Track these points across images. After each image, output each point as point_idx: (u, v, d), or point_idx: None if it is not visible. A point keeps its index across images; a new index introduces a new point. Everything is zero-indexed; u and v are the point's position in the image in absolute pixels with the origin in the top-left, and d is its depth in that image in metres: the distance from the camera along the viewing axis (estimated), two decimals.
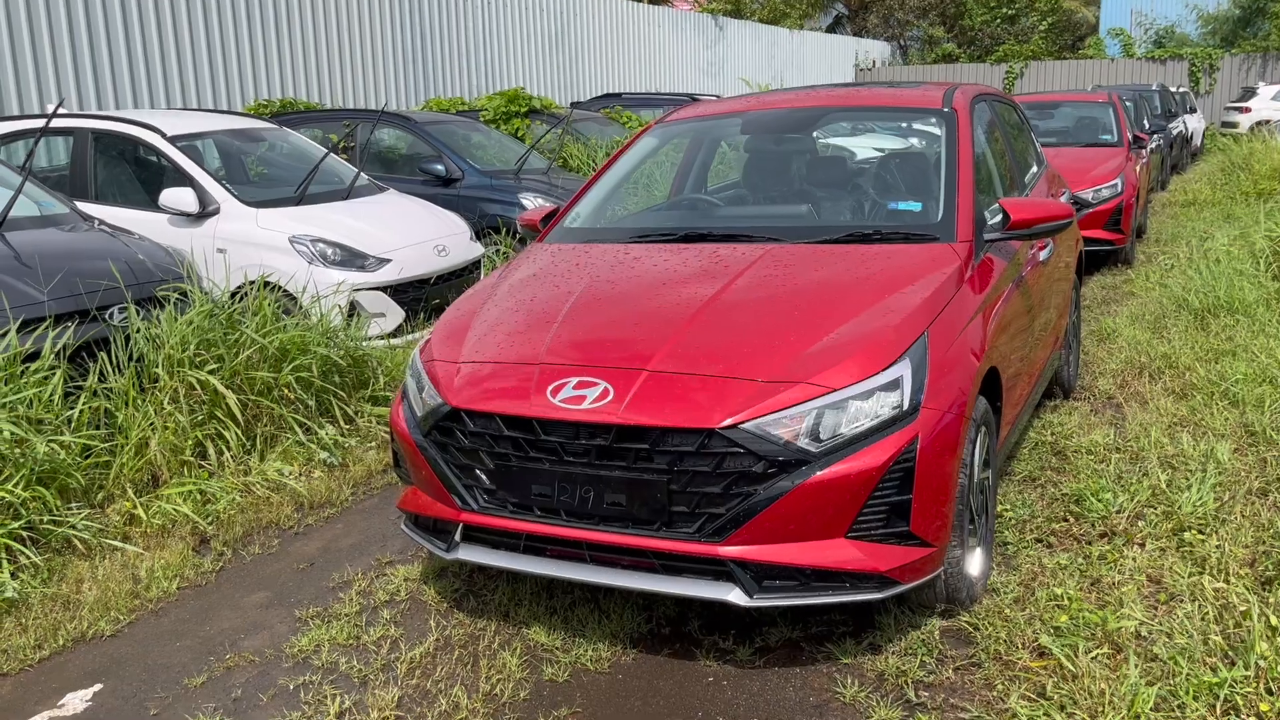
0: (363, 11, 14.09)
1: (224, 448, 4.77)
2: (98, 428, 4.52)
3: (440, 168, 9.28)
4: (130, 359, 4.78)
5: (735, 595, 2.95)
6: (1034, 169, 5.34)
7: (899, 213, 4.10)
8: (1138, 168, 10.58)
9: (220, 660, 3.35)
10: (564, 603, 3.58)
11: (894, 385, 2.98)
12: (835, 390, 2.93)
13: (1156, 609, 3.26)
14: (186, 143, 7.29)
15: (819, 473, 2.87)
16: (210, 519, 4.36)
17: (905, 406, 2.97)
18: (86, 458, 4.38)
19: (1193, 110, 22.96)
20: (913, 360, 3.04)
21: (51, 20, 10.47)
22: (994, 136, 4.75)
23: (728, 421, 2.89)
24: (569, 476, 3.06)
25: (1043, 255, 4.51)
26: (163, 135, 7.18)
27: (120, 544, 4.08)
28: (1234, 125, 24.57)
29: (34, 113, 9.77)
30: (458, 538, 3.32)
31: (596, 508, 3.04)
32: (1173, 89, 22.14)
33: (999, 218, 3.83)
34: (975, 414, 3.24)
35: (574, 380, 3.10)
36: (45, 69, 10.45)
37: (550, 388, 3.11)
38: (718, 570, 2.97)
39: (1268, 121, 21.70)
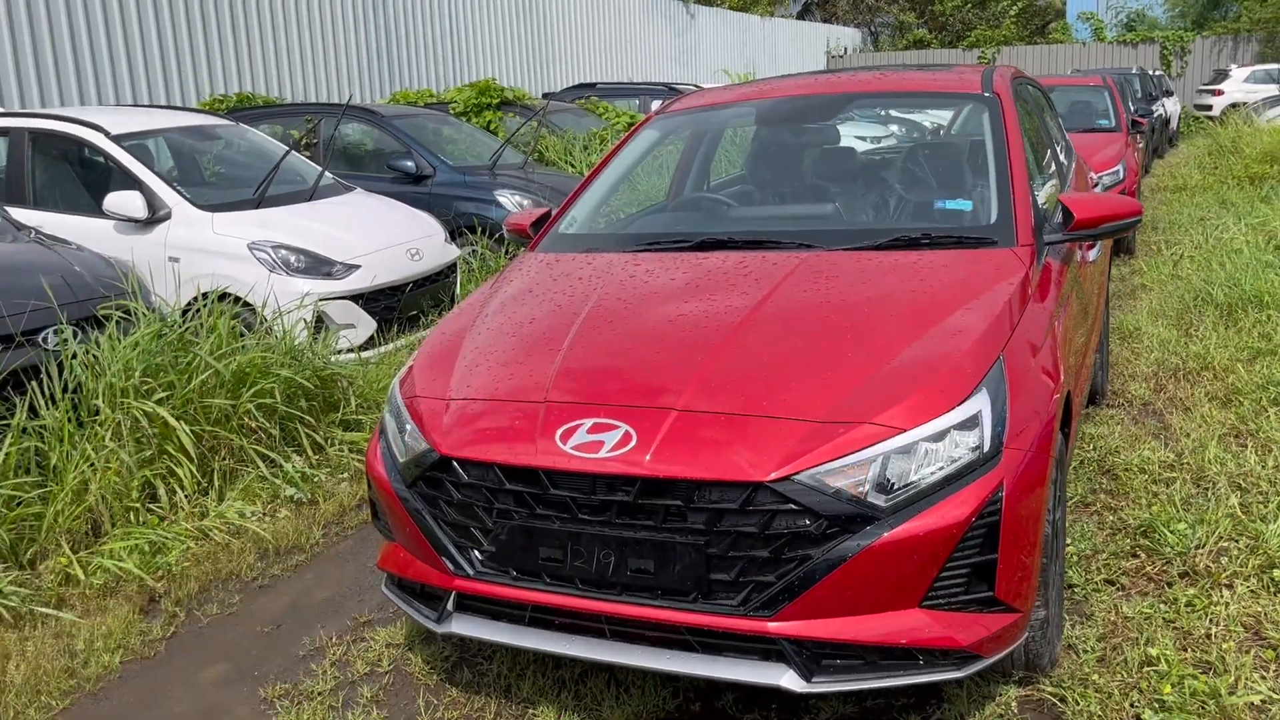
0: (324, 1, 13.43)
1: (176, 488, 4.22)
2: (27, 472, 3.95)
3: (410, 164, 8.69)
4: (65, 389, 4.21)
5: (789, 679, 2.45)
6: (1065, 156, 4.88)
7: (948, 213, 3.61)
8: (1135, 153, 10.22)
9: None
10: (573, 674, 3.07)
11: (972, 423, 2.49)
12: (904, 431, 2.45)
13: (1267, 669, 2.80)
14: (133, 142, 6.69)
15: (888, 532, 2.38)
16: (160, 573, 3.81)
17: (986, 448, 2.48)
18: (14, 508, 3.81)
19: (1169, 94, 22.75)
20: (991, 391, 2.56)
21: None
22: (1030, 123, 4.29)
23: (776, 473, 2.39)
24: (585, 538, 2.55)
25: (1092, 255, 4.05)
26: (106, 134, 6.58)
27: (52, 611, 3.52)
28: (1207, 108, 24.45)
29: None
30: (450, 607, 2.80)
31: (619, 575, 2.54)
32: (1149, 72, 21.92)
33: (1058, 217, 3.36)
34: (1056, 451, 2.77)
35: (589, 422, 2.59)
36: None
37: (560, 432, 2.60)
38: (767, 649, 2.48)
39: (1242, 104, 21.53)
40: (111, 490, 4.00)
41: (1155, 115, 18.24)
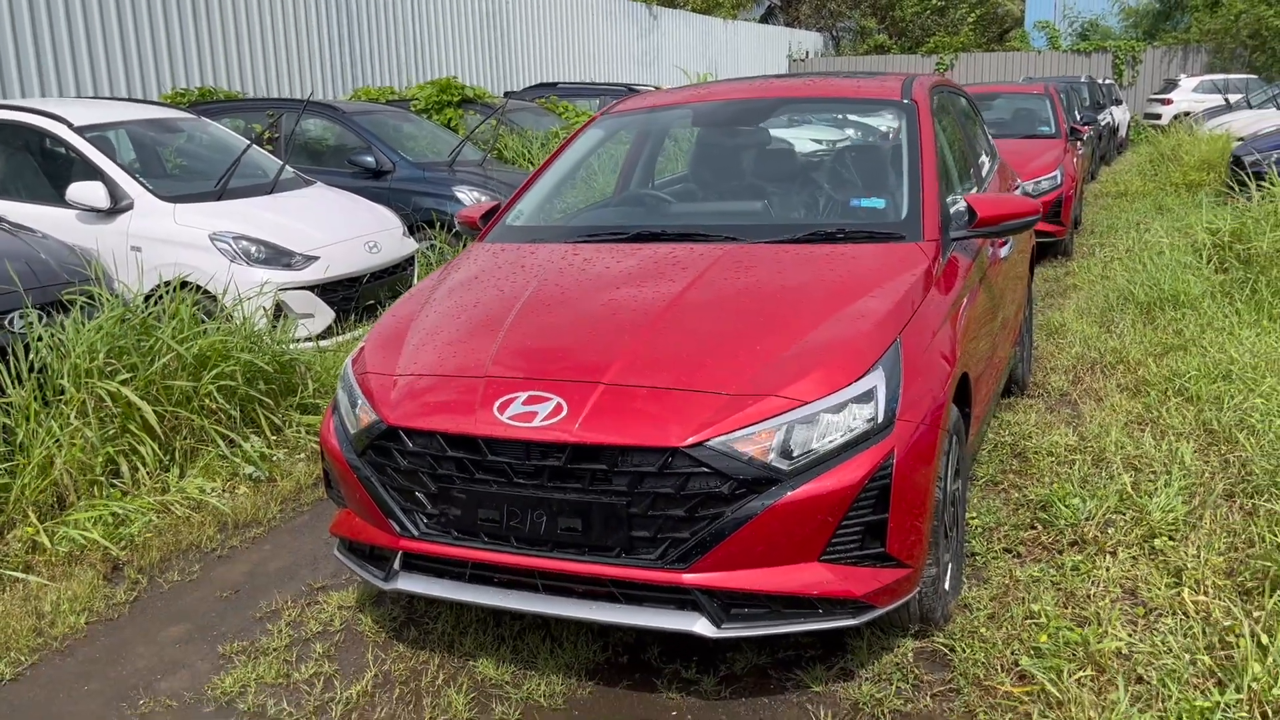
0: None
1: (139, 464, 4.41)
2: None
3: (370, 159, 8.89)
4: (31, 370, 4.39)
5: (701, 626, 2.73)
6: (988, 162, 5.20)
7: (861, 210, 3.91)
8: (1075, 159, 10.62)
9: (134, 708, 3.03)
10: (513, 631, 3.33)
11: (868, 396, 2.78)
12: (806, 403, 2.73)
13: (1136, 625, 3.12)
14: (96, 133, 6.84)
15: (790, 492, 2.66)
16: (123, 544, 4.02)
17: (880, 419, 2.77)
18: None
19: (1118, 102, 23.35)
20: (886, 369, 2.85)
21: None
22: (951, 129, 4.60)
23: (692, 439, 2.66)
24: (519, 500, 2.81)
25: (1003, 252, 4.37)
26: (69, 125, 6.72)
27: (21, 575, 3.71)
28: (1157, 117, 25.07)
29: None
30: (397, 566, 3.05)
31: (550, 533, 2.80)
32: (1098, 81, 22.50)
33: (964, 215, 3.66)
34: (950, 424, 3.07)
35: (524, 394, 2.85)
36: None
37: (497, 403, 2.85)
38: (682, 599, 2.75)
39: (1189, 113, 22.15)
40: (76, 465, 4.19)
41: (1103, 123, 18.79)
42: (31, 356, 4.44)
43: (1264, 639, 2.76)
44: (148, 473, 4.40)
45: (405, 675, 3.13)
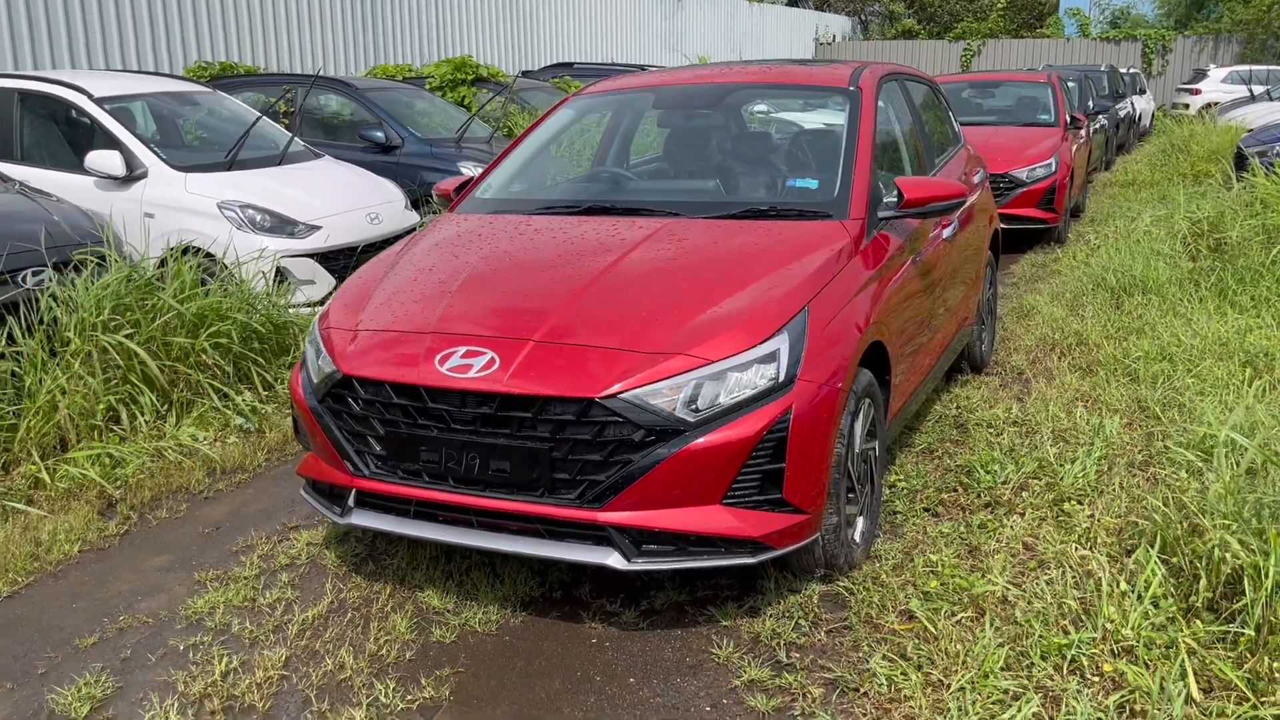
0: None
1: (137, 413, 4.78)
2: (3, 391, 4.51)
3: (380, 135, 9.23)
4: (40, 322, 4.76)
5: (614, 560, 3.03)
6: (948, 149, 5.44)
7: (796, 190, 4.18)
8: (1074, 148, 10.76)
9: (114, 622, 3.39)
10: (460, 568, 3.65)
11: (771, 358, 3.07)
12: (713, 362, 3.02)
13: (1024, 575, 3.39)
14: (115, 105, 7.21)
15: (695, 441, 2.96)
16: (118, 483, 4.38)
17: (781, 378, 3.06)
18: None
19: (1142, 91, 23.27)
20: (791, 334, 3.13)
21: None
22: (903, 116, 4.84)
23: (607, 391, 2.96)
24: (456, 444, 3.12)
25: (946, 233, 4.61)
26: (89, 96, 7.09)
27: (23, 506, 4.09)
28: (1185, 107, 24.94)
29: None
30: (351, 503, 3.38)
31: (482, 474, 3.11)
32: (1124, 70, 22.42)
33: (895, 196, 3.92)
34: (857, 386, 3.34)
35: (462, 349, 3.16)
36: None
37: (439, 356, 3.16)
38: (598, 535, 3.06)
39: (1217, 104, 22.04)
40: (78, 410, 4.56)
41: (1122, 113, 18.79)
42: (41, 311, 4.81)
43: (1124, 585, 3.03)
44: (145, 421, 4.77)
45: (358, 602, 3.47)
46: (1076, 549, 3.44)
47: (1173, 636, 2.84)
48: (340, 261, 6.99)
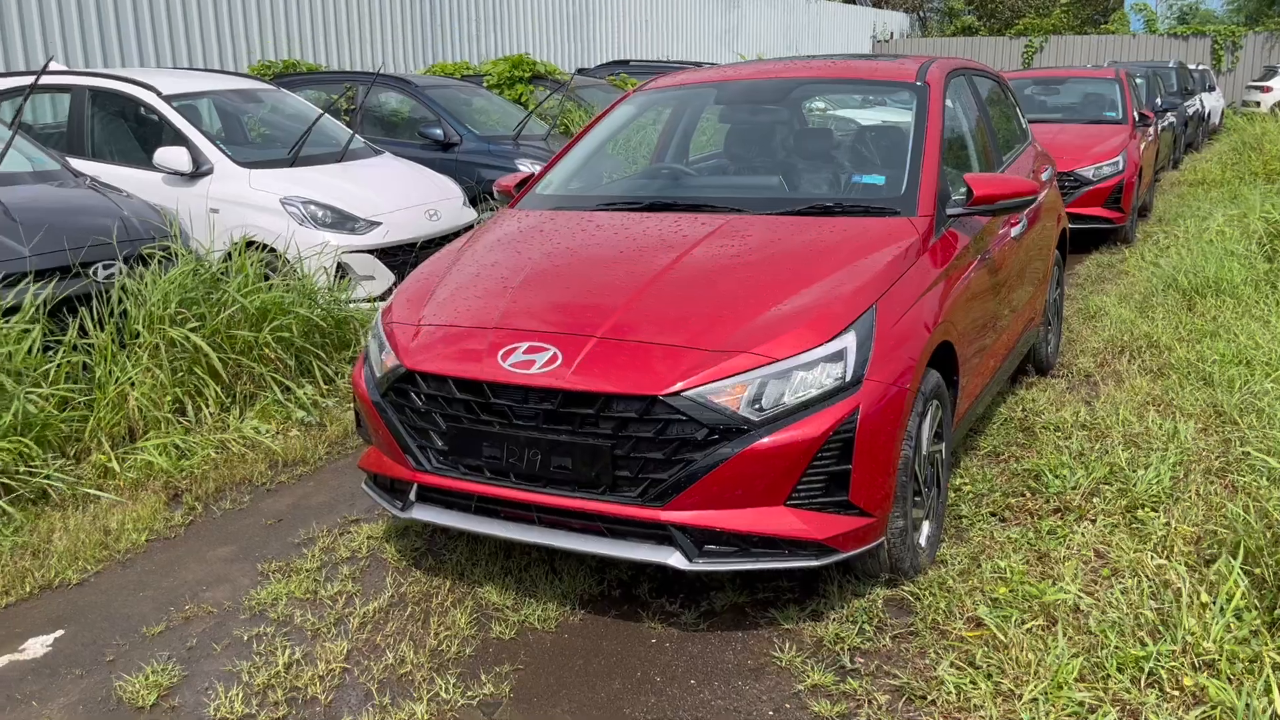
0: None
1: (202, 405, 4.85)
2: (75, 382, 4.60)
3: (439, 132, 9.29)
4: (111, 315, 4.85)
5: (676, 559, 3.00)
6: (1016, 146, 5.32)
7: (862, 186, 4.11)
8: (1142, 145, 10.50)
9: (180, 611, 3.43)
10: (519, 564, 3.64)
11: (838, 357, 3.01)
12: (778, 360, 2.97)
13: (1097, 583, 3.29)
14: (182, 102, 7.33)
15: (759, 441, 2.91)
16: (184, 474, 4.44)
17: (848, 378, 3.00)
18: (64, 410, 4.46)
19: (1211, 88, 22.67)
20: (859, 333, 3.07)
21: None
22: (971, 112, 4.74)
23: (671, 388, 2.93)
24: (518, 439, 3.11)
25: (1014, 231, 4.51)
26: (159, 94, 7.22)
27: (95, 493, 4.16)
28: (1255, 104, 24.28)
29: (34, 69, 9.80)
30: (412, 497, 3.39)
31: (544, 470, 3.09)
32: (1192, 66, 21.86)
33: (963, 193, 3.84)
34: (925, 387, 3.27)
35: (524, 345, 3.15)
36: (51, 26, 10.48)
37: (501, 352, 3.16)
38: (660, 534, 3.02)
39: None
40: (146, 402, 4.64)
41: (1190, 110, 18.32)
42: (111, 303, 4.90)
43: (1204, 597, 2.93)
44: (210, 412, 4.83)
45: (418, 597, 3.47)
46: (1152, 558, 3.33)
47: (1257, 650, 2.74)
48: (399, 257, 7.05)
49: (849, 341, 3.04)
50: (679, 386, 2.93)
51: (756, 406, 2.93)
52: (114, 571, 3.74)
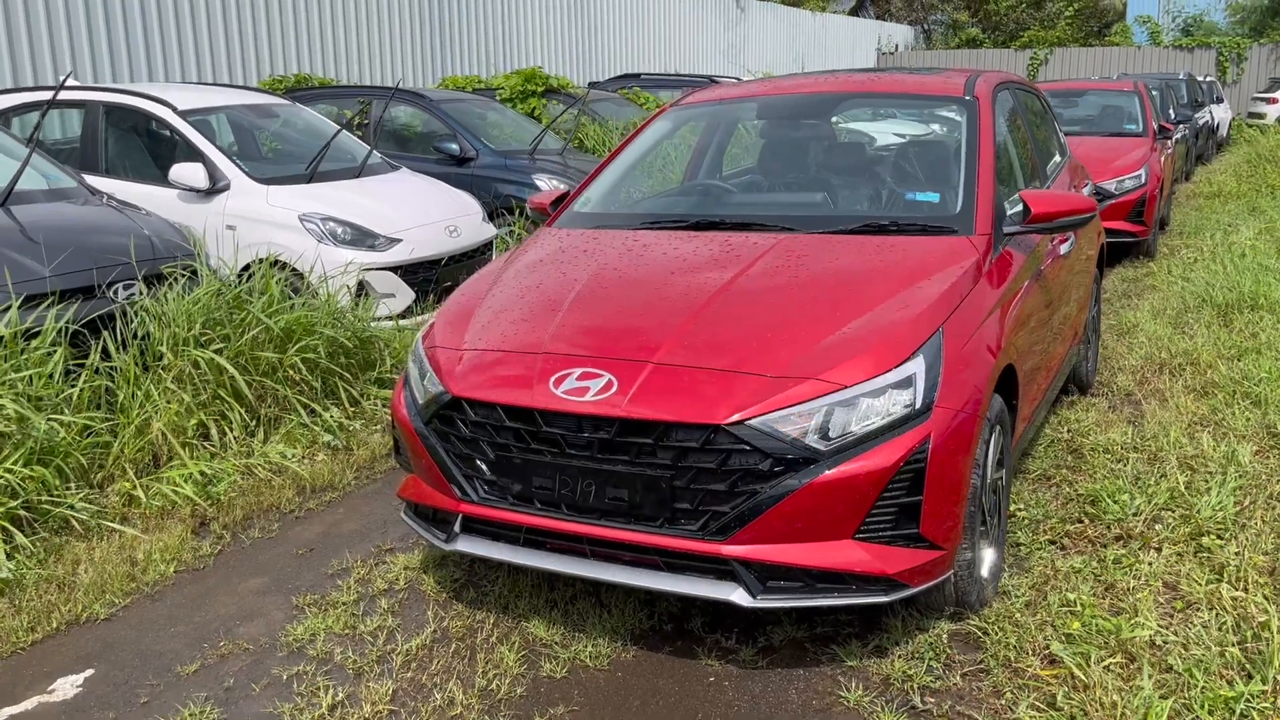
0: None
1: (227, 429, 4.72)
2: (98, 407, 4.47)
3: (454, 147, 9.18)
4: (135, 337, 4.73)
5: (739, 595, 2.87)
6: (1057, 159, 5.21)
7: (916, 203, 3.99)
8: (1162, 158, 10.40)
9: (214, 648, 3.30)
10: (565, 596, 3.51)
11: (907, 383, 2.89)
12: (846, 387, 2.84)
13: (1172, 617, 3.16)
14: (198, 117, 7.23)
15: (827, 472, 2.78)
16: (211, 501, 4.31)
17: (918, 405, 2.87)
18: (86, 437, 4.34)
19: (1219, 100, 22.61)
20: (927, 357, 2.94)
21: None
22: (1016, 126, 4.63)
23: (734, 417, 2.80)
24: (571, 469, 2.98)
25: (1064, 249, 4.39)
26: (174, 109, 7.11)
27: (118, 526, 4.03)
28: (1261, 116, 24.22)
29: (46, 84, 9.70)
30: (457, 529, 3.26)
31: (598, 502, 2.97)
32: (1199, 78, 21.80)
33: (1019, 210, 3.72)
34: (990, 413, 3.15)
35: (578, 371, 3.02)
36: (60, 41, 10.39)
37: (553, 378, 3.03)
38: (721, 569, 2.89)
39: None
40: (171, 427, 4.51)
41: (1201, 122, 18.23)
42: (134, 325, 4.77)
43: None
44: (235, 437, 4.70)
45: (462, 632, 3.34)
46: (1228, 589, 3.20)
47: None
48: (420, 274, 6.93)
49: (918, 367, 2.91)
50: (742, 415, 2.80)
51: (824, 436, 2.81)
52: (143, 605, 3.60)
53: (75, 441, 4.24)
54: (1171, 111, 14.59)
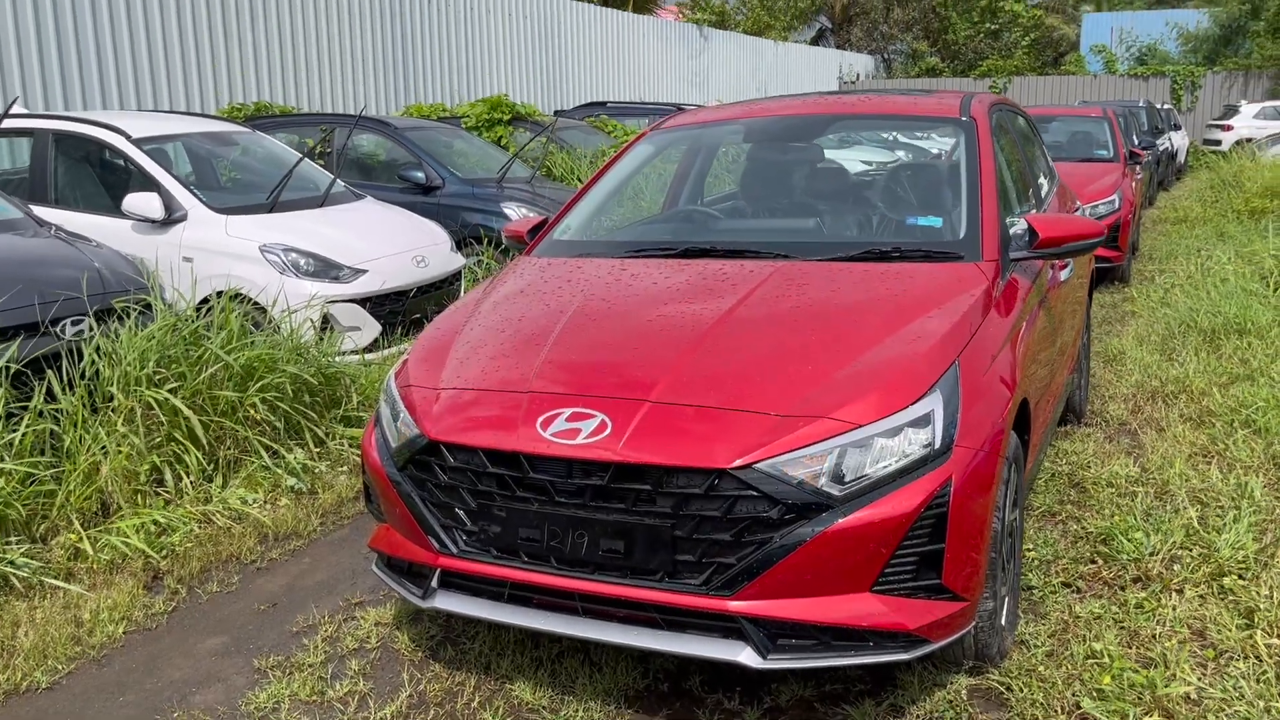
0: (342, 14, 13.73)
1: (183, 473, 4.41)
2: (42, 452, 4.15)
3: (420, 175, 8.94)
4: (82, 376, 4.42)
5: (747, 656, 2.62)
6: (1048, 183, 5.07)
7: (919, 228, 3.80)
8: (1133, 184, 10.39)
9: (167, 719, 2.99)
10: (552, 654, 3.25)
11: (924, 421, 2.67)
12: (860, 426, 2.62)
13: (1205, 668, 2.96)
14: (153, 145, 6.92)
15: (842, 519, 2.56)
16: (164, 552, 4.00)
17: (937, 445, 2.66)
18: (29, 485, 4.01)
19: (1177, 127, 22.91)
20: (944, 392, 2.73)
21: (17, 15, 10.05)
22: (1010, 148, 4.48)
23: (739, 461, 2.57)
24: (561, 519, 2.73)
25: (1064, 275, 4.23)
26: (127, 137, 6.81)
27: (62, 583, 3.71)
28: (1216, 143, 24.59)
29: None
30: (435, 584, 2.98)
31: (591, 554, 2.72)
32: (1156, 105, 22.09)
33: (1024, 234, 3.55)
34: (1008, 451, 2.94)
35: (567, 411, 2.78)
36: (9, 67, 10.03)
37: (540, 419, 2.78)
38: (727, 627, 2.65)
39: (1250, 139, 21.68)
40: (121, 473, 4.19)
41: (1161, 148, 18.42)
42: (83, 363, 4.46)
43: None
44: (191, 482, 4.40)
45: (440, 696, 3.07)
46: (1263, 637, 3.01)
47: None
48: (387, 306, 6.66)
49: (935, 403, 2.70)
50: (749, 458, 2.57)
51: (837, 480, 2.58)
52: (89, 671, 3.29)
53: (16, 491, 3.92)
54: (1135, 138, 14.69)
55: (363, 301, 6.49)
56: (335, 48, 13.59)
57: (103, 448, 4.21)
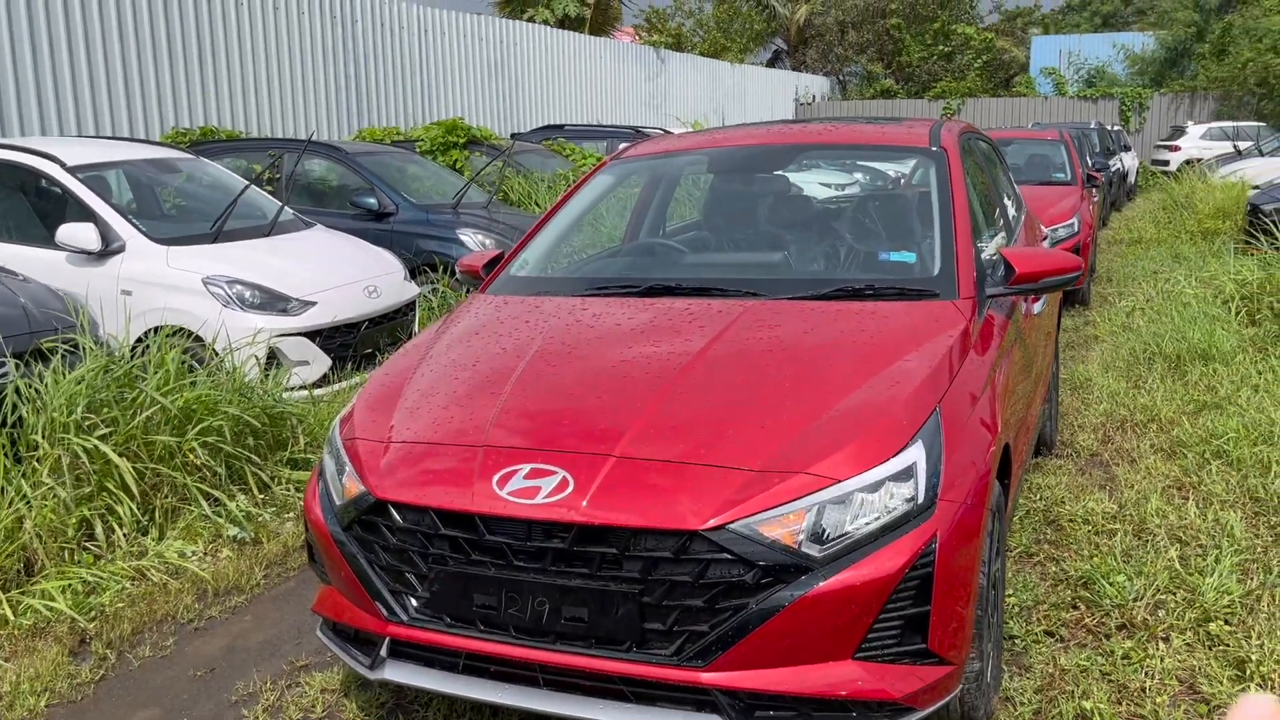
0: (292, 35, 13.45)
1: (115, 526, 4.14)
2: None
3: (372, 201, 8.70)
4: (4, 424, 4.13)
5: None
6: (1016, 212, 4.97)
7: (892, 264, 3.66)
8: (1090, 206, 10.42)
9: None
10: None
11: (907, 474, 2.51)
12: (839, 481, 2.45)
13: None
14: (90, 174, 6.63)
15: (822, 583, 2.38)
16: (93, 614, 3.73)
17: (920, 499, 2.49)
18: None
19: (1127, 148, 23.27)
20: (926, 442, 2.57)
21: None
22: (979, 175, 4.37)
23: (713, 521, 2.39)
24: (520, 585, 2.53)
25: (1036, 307, 4.11)
26: (62, 165, 6.52)
27: None
28: (1164, 163, 25.01)
29: None
30: (384, 653, 2.76)
31: (553, 623, 2.51)
32: (1107, 127, 22.41)
33: (1000, 269, 3.42)
34: (992, 501, 2.79)
35: (526, 467, 2.58)
36: None
37: (497, 476, 2.58)
38: (700, 699, 2.46)
39: (1199, 160, 22.06)
40: (46, 528, 3.92)
41: (1113, 170, 18.66)
42: (3, 410, 4.18)
43: None
44: (124, 535, 4.13)
45: None
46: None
47: None
48: (337, 339, 6.42)
49: (917, 455, 2.54)
50: (722, 519, 2.39)
51: (816, 540, 2.41)
52: None
53: None
54: (1089, 159, 14.83)
55: (312, 335, 6.24)
56: (284, 70, 13.31)
57: (26, 501, 3.94)
